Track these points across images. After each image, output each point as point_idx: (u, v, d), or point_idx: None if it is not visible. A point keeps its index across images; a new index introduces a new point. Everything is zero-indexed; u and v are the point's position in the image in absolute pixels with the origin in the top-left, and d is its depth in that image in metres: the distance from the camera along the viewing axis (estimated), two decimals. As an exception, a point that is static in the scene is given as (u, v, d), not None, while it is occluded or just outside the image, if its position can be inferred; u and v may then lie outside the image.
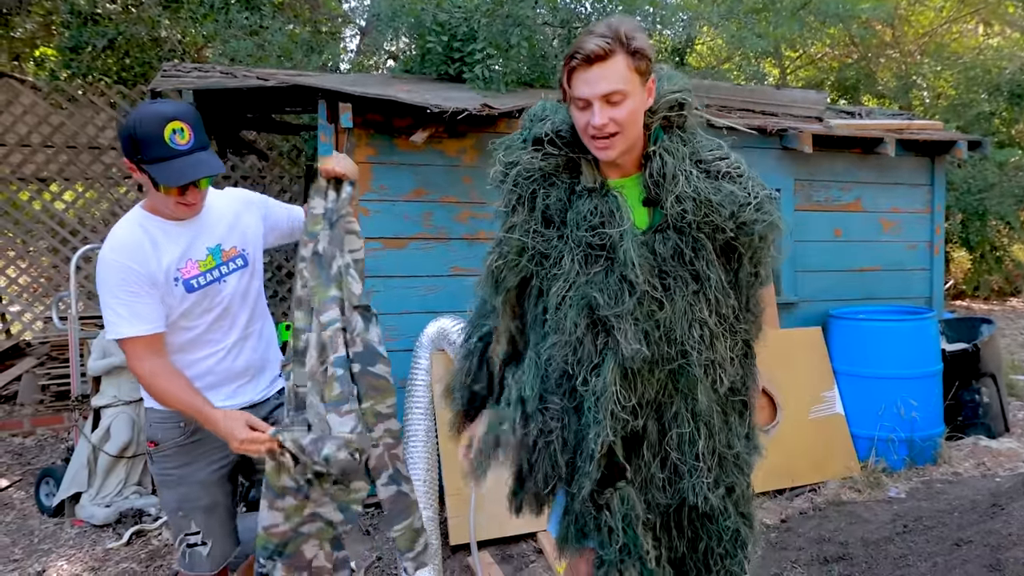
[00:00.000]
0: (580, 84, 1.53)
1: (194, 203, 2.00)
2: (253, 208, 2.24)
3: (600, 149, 1.57)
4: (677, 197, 1.57)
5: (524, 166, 1.66)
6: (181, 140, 1.89)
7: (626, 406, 1.57)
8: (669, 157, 1.61)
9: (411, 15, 4.98)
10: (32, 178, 6.44)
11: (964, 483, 4.13)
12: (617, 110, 1.52)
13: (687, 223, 1.58)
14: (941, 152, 5.30)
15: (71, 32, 6.94)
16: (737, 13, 7.11)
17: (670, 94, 1.65)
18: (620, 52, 1.51)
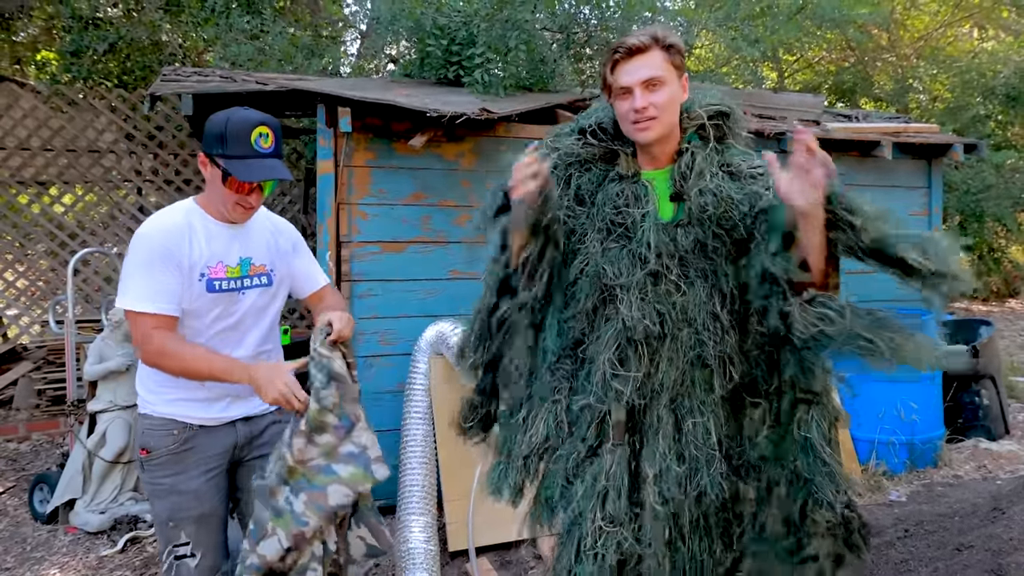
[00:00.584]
0: (622, 74, 1.70)
1: (252, 206, 2.10)
2: (288, 242, 2.30)
3: (640, 131, 1.71)
4: (700, 190, 1.71)
5: (565, 150, 1.84)
6: (265, 144, 2.03)
7: (621, 375, 1.67)
8: (700, 154, 1.75)
9: (410, 19, 4.98)
10: (31, 181, 6.43)
11: (965, 486, 4.14)
12: (656, 95, 1.68)
13: (707, 216, 1.70)
14: (938, 155, 5.31)
15: (72, 36, 6.95)
16: (734, 18, 7.12)
17: (709, 104, 1.81)
18: (657, 47, 1.69)
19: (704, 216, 1.71)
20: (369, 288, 3.97)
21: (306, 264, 2.34)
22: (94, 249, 4.87)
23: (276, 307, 2.27)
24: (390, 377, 3.99)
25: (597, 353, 1.71)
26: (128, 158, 6.62)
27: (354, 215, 3.95)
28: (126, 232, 6.53)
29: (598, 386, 1.69)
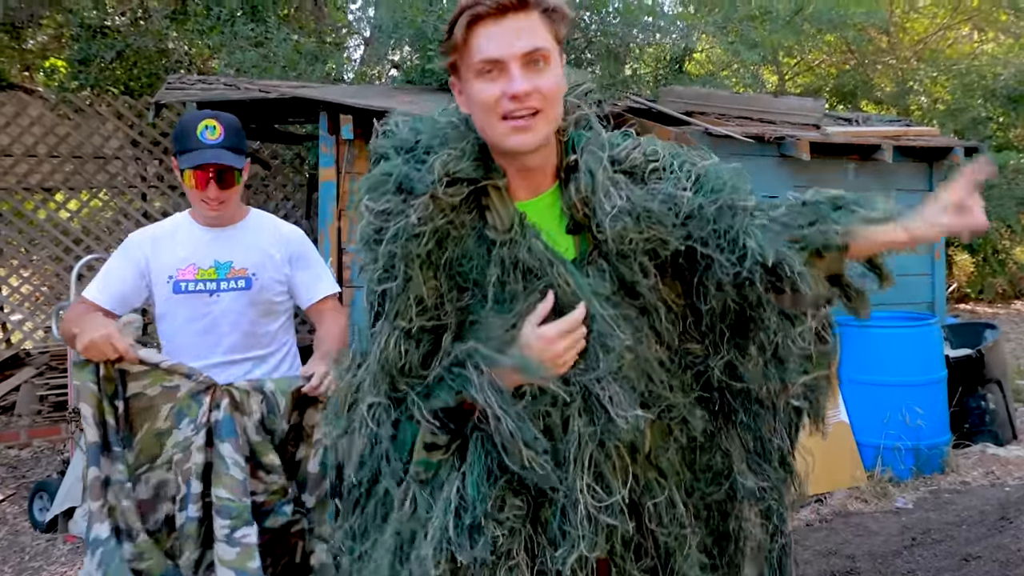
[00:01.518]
0: (488, 42, 1.15)
1: (214, 201, 2.09)
2: (286, 248, 2.23)
3: (518, 131, 1.16)
4: (614, 215, 1.22)
5: (417, 223, 1.18)
6: (211, 136, 2.05)
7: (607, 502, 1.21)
8: (597, 165, 1.25)
9: (412, 27, 5.02)
10: (37, 187, 6.47)
11: (972, 493, 4.08)
12: (541, 77, 1.16)
13: (630, 247, 1.24)
14: (938, 158, 5.31)
15: (80, 44, 7.02)
16: (733, 21, 7.15)
17: (575, 87, 1.32)
18: (535, 7, 1.17)
19: (625, 246, 1.24)
20: (372, 294, 3.98)
21: (308, 276, 2.26)
22: (98, 255, 4.88)
23: (256, 314, 2.18)
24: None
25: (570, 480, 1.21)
26: (133, 164, 6.66)
27: (356, 221, 3.96)
28: (130, 239, 6.57)
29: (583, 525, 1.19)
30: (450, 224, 1.21)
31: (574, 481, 1.20)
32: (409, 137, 1.29)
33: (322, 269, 2.33)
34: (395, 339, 1.21)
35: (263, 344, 2.23)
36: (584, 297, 1.22)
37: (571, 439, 1.21)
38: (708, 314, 1.32)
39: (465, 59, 1.18)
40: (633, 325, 1.26)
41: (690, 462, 1.36)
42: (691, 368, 1.34)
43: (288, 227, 2.31)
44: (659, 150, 1.32)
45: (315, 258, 2.32)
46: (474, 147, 1.23)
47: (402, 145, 1.28)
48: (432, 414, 1.21)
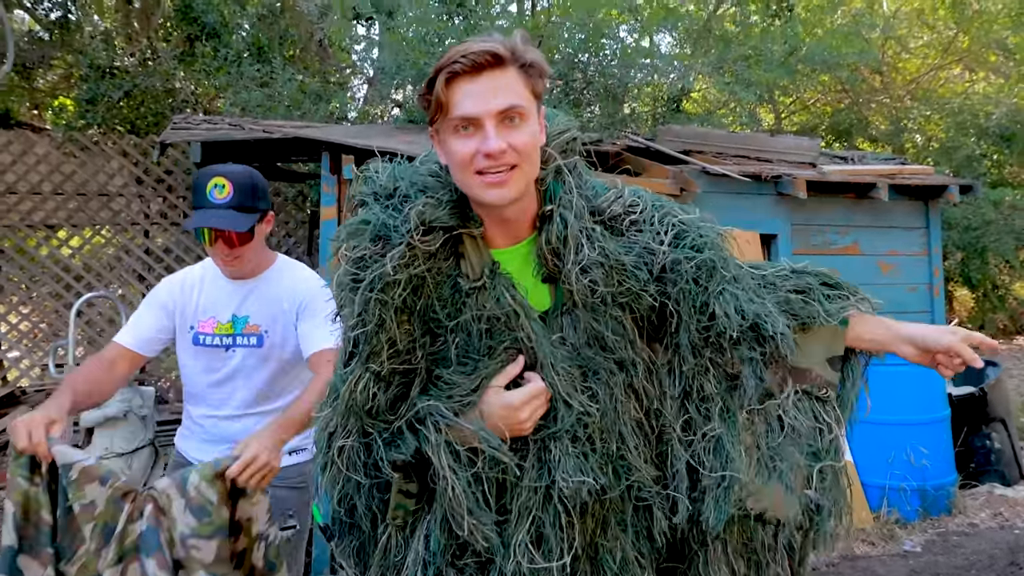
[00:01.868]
0: (465, 99, 1.15)
1: (226, 256, 2.06)
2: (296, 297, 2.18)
3: (492, 187, 1.17)
4: (583, 268, 1.22)
5: (391, 271, 1.19)
6: (219, 195, 2.00)
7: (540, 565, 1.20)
8: (570, 216, 1.24)
9: (414, 68, 5.10)
10: (41, 224, 6.51)
11: (981, 535, 4.01)
12: (515, 134, 1.16)
13: (599, 298, 1.24)
14: (934, 196, 5.36)
15: (89, 84, 7.13)
16: (727, 61, 7.27)
17: (560, 135, 1.30)
18: (512, 63, 1.18)
19: (595, 300, 1.24)
20: (373, 331, 3.99)
21: (309, 326, 2.16)
22: (97, 294, 4.92)
23: (271, 372, 2.18)
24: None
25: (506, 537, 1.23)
26: (137, 201, 6.71)
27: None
28: (132, 274, 6.59)
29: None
30: (427, 271, 1.22)
31: (513, 537, 1.20)
32: (388, 184, 1.28)
33: (322, 323, 2.12)
34: (365, 381, 1.22)
35: (282, 396, 2.22)
36: (542, 355, 1.22)
37: (517, 493, 1.21)
38: (687, 376, 1.30)
39: (443, 115, 1.18)
40: (606, 383, 1.25)
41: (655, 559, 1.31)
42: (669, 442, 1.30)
43: (305, 275, 2.23)
44: (641, 201, 1.31)
45: (322, 308, 2.13)
46: (451, 196, 1.24)
47: (381, 192, 1.27)
48: (394, 464, 1.22)
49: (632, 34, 8.63)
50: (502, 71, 1.16)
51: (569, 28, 6.24)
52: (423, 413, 1.22)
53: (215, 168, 2.06)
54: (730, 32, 9.03)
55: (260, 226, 2.10)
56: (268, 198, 2.14)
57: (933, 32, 12.06)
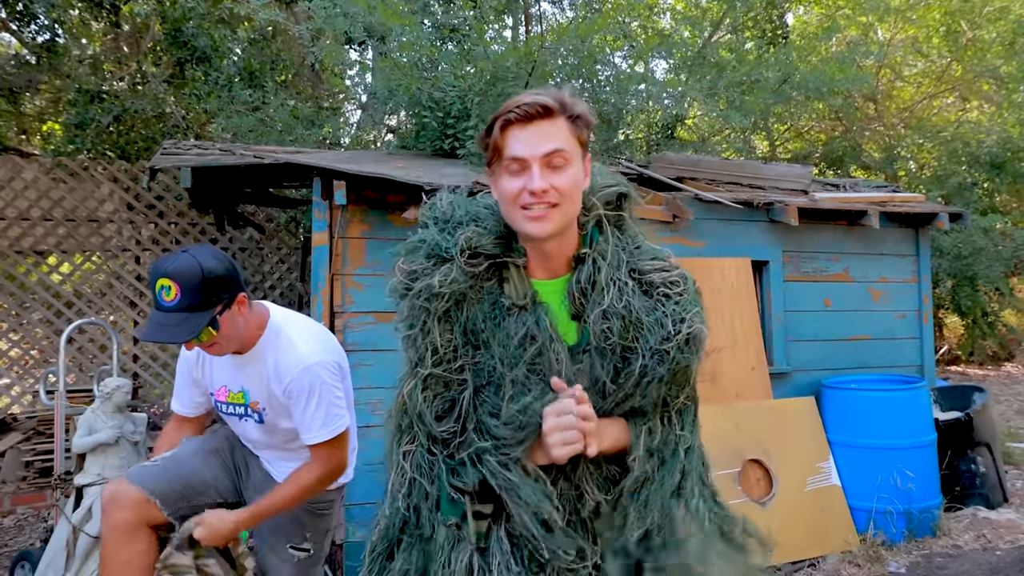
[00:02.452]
0: (516, 143, 1.32)
1: (202, 348, 2.12)
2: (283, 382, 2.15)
3: (534, 220, 1.32)
4: (604, 312, 1.37)
5: (438, 285, 1.38)
6: (167, 297, 1.96)
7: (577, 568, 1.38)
8: (604, 263, 1.40)
9: (407, 93, 5.13)
10: (30, 251, 6.49)
11: (965, 557, 4.07)
12: (558, 176, 1.31)
13: (610, 346, 1.37)
14: (924, 223, 5.40)
15: (77, 109, 7.12)
16: (719, 89, 7.33)
17: (606, 188, 1.46)
18: (562, 115, 1.34)
19: (605, 345, 1.37)
20: (363, 358, 3.98)
21: (300, 418, 2.15)
22: (88, 320, 4.88)
23: (283, 438, 2.28)
24: (382, 448, 3.96)
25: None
26: (128, 227, 6.70)
27: (348, 285, 3.99)
28: (124, 301, 6.56)
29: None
30: (470, 288, 1.40)
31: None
32: (447, 211, 1.47)
33: (314, 412, 2.13)
34: (414, 385, 1.41)
35: (302, 457, 2.28)
36: (568, 381, 1.34)
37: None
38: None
39: (497, 157, 1.35)
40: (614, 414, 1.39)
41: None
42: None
43: (292, 355, 2.14)
44: (683, 283, 1.43)
45: (310, 399, 2.13)
46: (498, 228, 1.42)
47: (440, 217, 1.47)
48: (458, 489, 1.38)
49: (626, 60, 8.73)
50: (551, 121, 1.33)
51: (563, 54, 6.30)
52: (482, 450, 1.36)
53: (163, 265, 1.99)
54: (724, 60, 9.13)
55: (229, 313, 2.04)
56: (230, 283, 2.04)
57: (927, 60, 12.21)
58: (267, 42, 7.91)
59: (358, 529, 3.92)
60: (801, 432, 4.52)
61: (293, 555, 2.28)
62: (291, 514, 2.26)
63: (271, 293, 6.96)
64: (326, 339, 2.26)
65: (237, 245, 6.90)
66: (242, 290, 2.08)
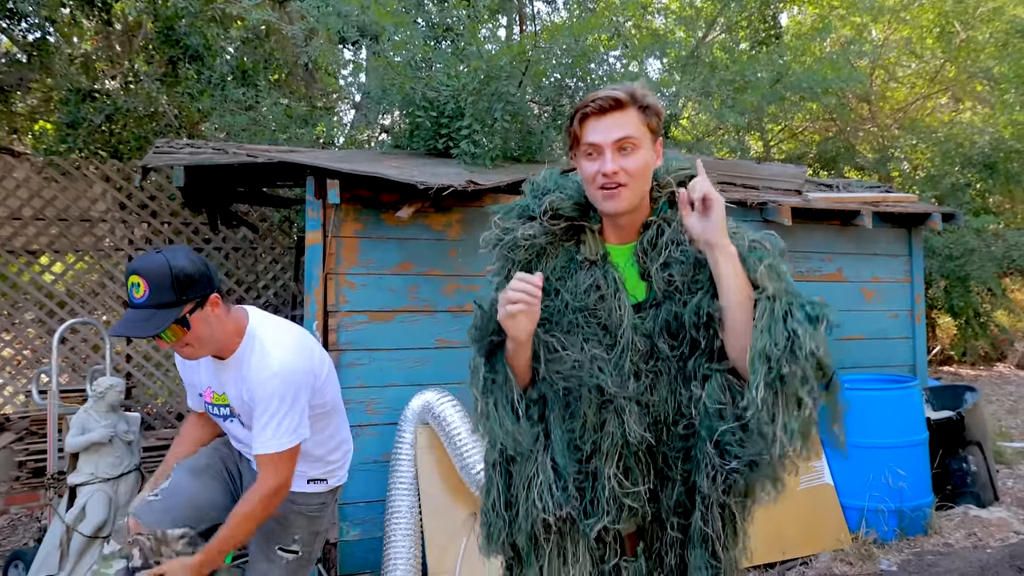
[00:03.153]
0: (592, 131, 1.55)
1: (174, 348, 2.14)
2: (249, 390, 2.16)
3: (607, 198, 1.56)
4: (664, 263, 1.59)
5: (521, 237, 1.66)
6: (136, 294, 2.00)
7: (630, 491, 1.57)
8: (667, 227, 1.62)
9: (400, 93, 5.12)
10: (22, 250, 6.46)
11: (956, 555, 4.10)
12: (628, 159, 1.54)
13: (675, 289, 1.57)
14: (917, 223, 5.42)
15: (69, 108, 7.08)
16: (713, 88, 7.34)
17: (680, 170, 1.68)
18: (633, 106, 1.55)
19: (672, 290, 1.58)
20: (356, 357, 3.98)
21: (256, 427, 2.15)
22: (81, 320, 4.86)
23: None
24: (376, 447, 3.96)
25: (600, 468, 1.58)
26: (120, 227, 6.68)
27: (342, 285, 3.99)
28: (117, 300, 6.54)
29: (609, 504, 1.57)
30: (549, 244, 1.67)
31: (603, 469, 1.57)
32: (541, 182, 1.74)
33: (266, 420, 2.13)
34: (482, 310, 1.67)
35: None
36: (623, 331, 1.57)
37: (604, 437, 1.57)
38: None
39: (577, 143, 1.59)
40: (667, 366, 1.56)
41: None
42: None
43: (257, 368, 2.14)
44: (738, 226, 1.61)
45: (262, 409, 2.14)
46: (579, 196, 1.67)
47: (536, 187, 1.74)
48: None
49: (621, 60, 8.73)
50: (622, 112, 1.55)
51: (557, 54, 6.30)
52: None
53: (135, 263, 2.04)
54: (718, 59, 9.13)
55: (201, 312, 2.05)
56: (202, 283, 2.05)
57: (921, 61, 12.23)
58: (260, 41, 7.87)
59: (352, 528, 3.91)
60: (794, 431, 4.53)
61: (282, 557, 2.27)
62: (280, 516, 2.25)
63: (264, 293, 6.95)
64: (301, 346, 2.21)
65: (230, 245, 6.88)
66: (214, 291, 2.09)
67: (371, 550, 3.88)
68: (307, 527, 2.33)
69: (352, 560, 3.91)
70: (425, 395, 3.74)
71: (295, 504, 2.28)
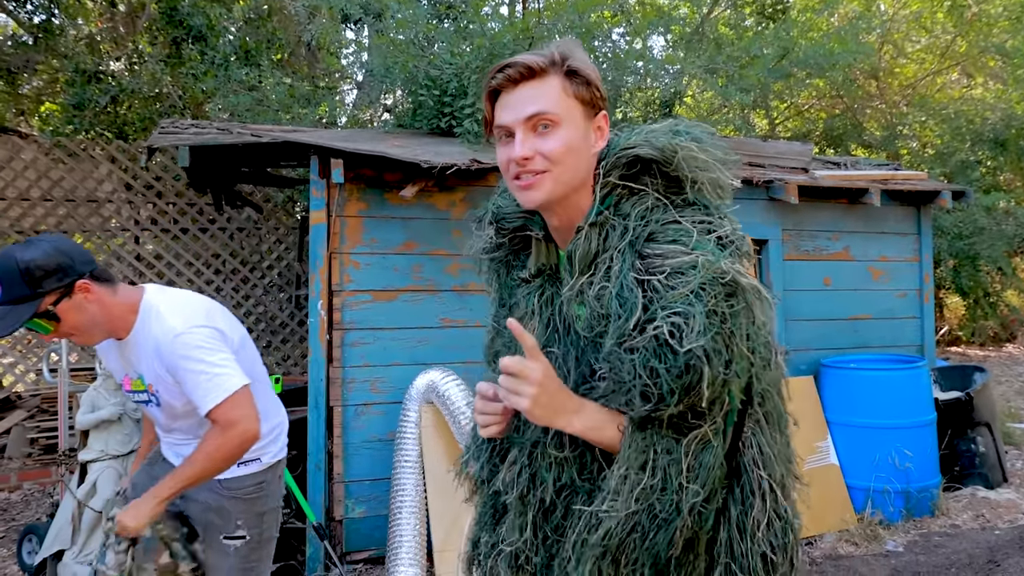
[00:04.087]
0: (502, 110, 1.23)
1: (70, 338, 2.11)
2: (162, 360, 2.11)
3: (523, 189, 1.22)
4: (582, 298, 1.26)
5: (481, 251, 1.47)
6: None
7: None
8: (595, 237, 1.24)
9: (403, 71, 5.09)
10: (31, 231, 6.49)
11: (963, 536, 4.09)
12: (545, 140, 1.20)
13: (586, 335, 1.27)
14: (926, 201, 5.37)
15: (75, 89, 7.09)
16: (718, 65, 7.27)
17: (625, 150, 1.26)
18: (554, 72, 1.21)
19: (583, 333, 1.28)
20: (360, 336, 3.98)
21: (187, 387, 2.09)
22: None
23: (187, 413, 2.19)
24: (381, 425, 3.98)
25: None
26: (127, 207, 6.69)
27: (346, 264, 3.99)
28: (123, 280, 6.57)
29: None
30: (510, 254, 1.44)
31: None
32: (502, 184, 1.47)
33: (197, 379, 2.07)
34: (488, 331, 1.51)
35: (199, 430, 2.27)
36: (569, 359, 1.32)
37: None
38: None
39: (489, 126, 1.28)
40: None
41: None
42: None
43: (161, 330, 2.08)
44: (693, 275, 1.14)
45: (186, 368, 2.07)
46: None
47: (499, 187, 1.47)
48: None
49: (624, 37, 8.65)
50: (540, 81, 1.21)
51: (560, 31, 6.24)
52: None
53: None
54: (723, 36, 9.04)
55: (70, 301, 2.00)
56: (58, 273, 1.97)
57: (931, 36, 12.06)
58: (263, 20, 7.84)
59: (358, 505, 3.94)
60: (799, 411, 4.48)
61: (229, 545, 2.20)
62: (216, 505, 2.19)
63: (269, 272, 6.96)
64: (201, 307, 2.17)
65: (235, 225, 6.89)
66: (80, 277, 2.01)
67: (376, 527, 3.91)
68: (248, 510, 2.24)
69: (358, 537, 3.94)
70: (429, 374, 3.74)
71: (228, 490, 2.21)
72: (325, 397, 3.89)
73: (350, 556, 3.93)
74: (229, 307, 6.66)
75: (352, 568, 3.86)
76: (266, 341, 6.89)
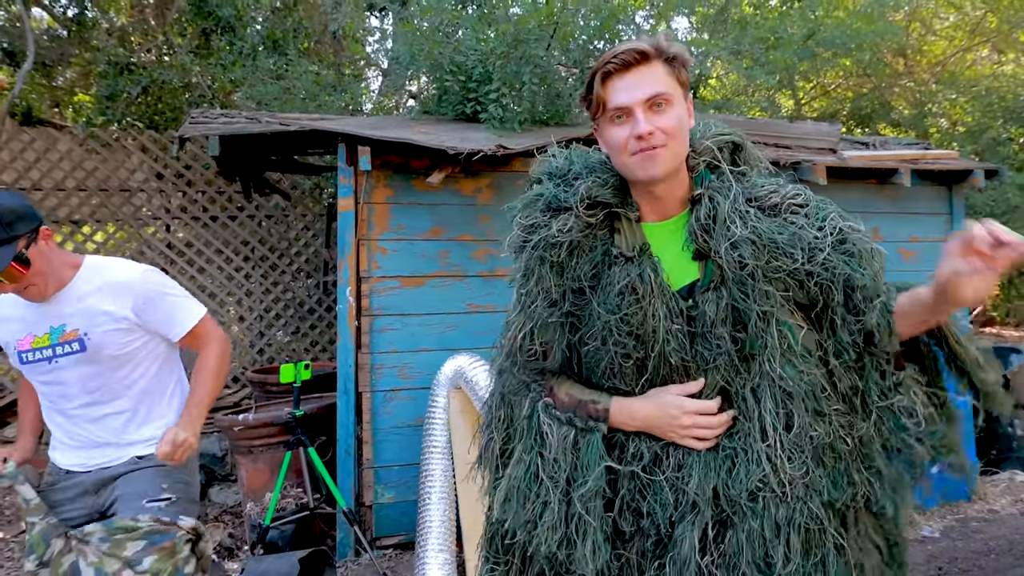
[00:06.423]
0: (617, 92, 1.36)
1: (16, 290, 2.08)
2: (125, 298, 2.17)
3: (644, 162, 1.35)
4: (732, 243, 1.36)
5: (556, 234, 1.43)
6: None
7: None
8: (720, 198, 1.40)
9: (428, 58, 5.10)
10: (66, 220, 6.61)
11: (1001, 521, 4.03)
12: (662, 117, 1.35)
13: (748, 273, 1.35)
14: (958, 181, 5.28)
15: (108, 81, 7.21)
16: (744, 45, 7.18)
17: (719, 135, 1.49)
18: (659, 58, 1.37)
19: (743, 274, 1.36)
20: (388, 322, 4.03)
21: (160, 316, 2.21)
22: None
23: (103, 370, 2.19)
24: (409, 411, 4.03)
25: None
26: (158, 196, 6.79)
27: (374, 251, 4.03)
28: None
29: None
30: (584, 238, 1.44)
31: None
32: (563, 165, 1.54)
33: (175, 302, 2.24)
34: (525, 328, 1.49)
35: (131, 394, 2.24)
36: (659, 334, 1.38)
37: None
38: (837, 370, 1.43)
39: (602, 110, 1.39)
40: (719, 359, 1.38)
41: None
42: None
43: (123, 273, 2.19)
44: (803, 195, 1.45)
45: (162, 294, 2.22)
46: (614, 179, 1.46)
47: (555, 172, 1.53)
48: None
49: (648, 21, 8.56)
50: (648, 66, 1.36)
51: (584, 15, 6.20)
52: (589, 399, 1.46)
53: None
54: (748, 16, 8.90)
55: (36, 247, 2.04)
56: (27, 216, 2.03)
57: (960, 12, 11.80)
58: (289, 10, 7.89)
59: (387, 491, 4.00)
60: (828, 393, 4.49)
61: (154, 506, 2.19)
62: (142, 476, 2.21)
63: (297, 259, 7.04)
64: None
65: (263, 212, 6.97)
66: (41, 223, 2.08)
67: (405, 513, 3.97)
68: (172, 476, 2.25)
69: (387, 523, 4.00)
70: (458, 359, 3.78)
71: (152, 466, 2.23)
72: (354, 383, 3.95)
73: (380, 541, 4.00)
74: (258, 293, 6.77)
75: (382, 553, 3.93)
76: (295, 327, 6.98)
